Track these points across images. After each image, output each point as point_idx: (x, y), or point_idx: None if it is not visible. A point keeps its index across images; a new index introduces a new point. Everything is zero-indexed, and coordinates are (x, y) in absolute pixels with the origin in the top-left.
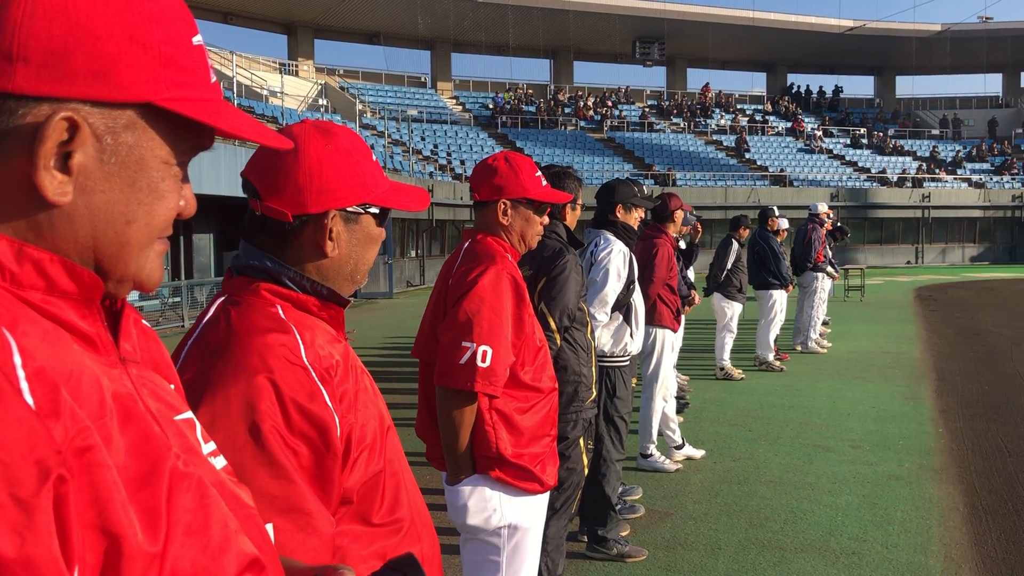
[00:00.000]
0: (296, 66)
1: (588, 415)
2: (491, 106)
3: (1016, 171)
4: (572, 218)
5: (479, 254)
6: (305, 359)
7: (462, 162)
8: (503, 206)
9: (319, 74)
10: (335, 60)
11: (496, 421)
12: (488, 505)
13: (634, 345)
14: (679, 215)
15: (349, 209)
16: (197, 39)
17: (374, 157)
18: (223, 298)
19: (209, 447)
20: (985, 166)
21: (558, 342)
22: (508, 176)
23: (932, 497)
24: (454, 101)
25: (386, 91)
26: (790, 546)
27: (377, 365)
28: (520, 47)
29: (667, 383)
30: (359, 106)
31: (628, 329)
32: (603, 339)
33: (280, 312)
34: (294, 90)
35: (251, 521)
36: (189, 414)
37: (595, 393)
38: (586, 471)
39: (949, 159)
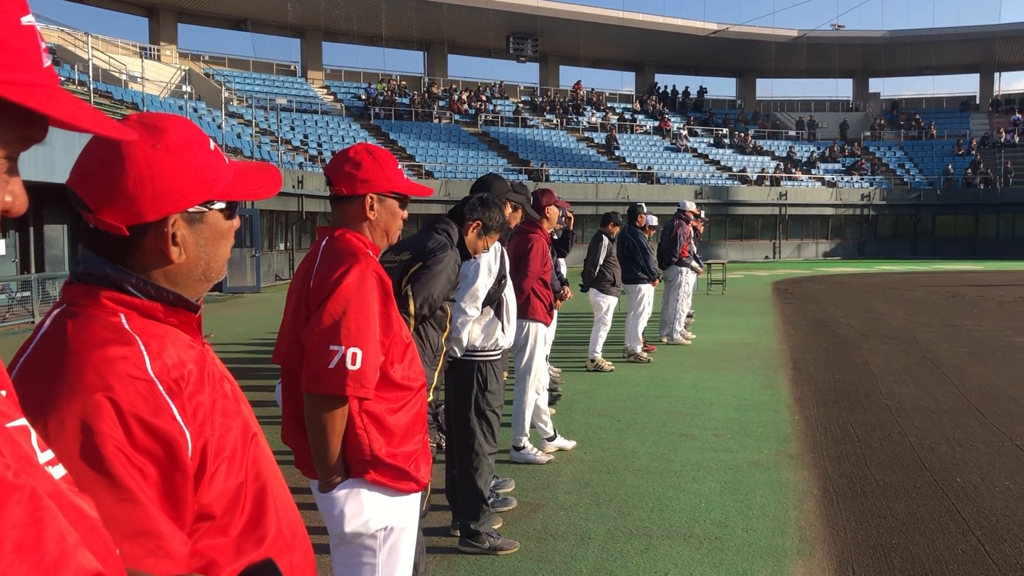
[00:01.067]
0: (158, 51)
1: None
2: (364, 97)
3: (865, 171)
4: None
5: (340, 253)
6: (151, 371)
7: (333, 153)
8: (370, 200)
9: (183, 60)
10: (200, 45)
11: (368, 423)
12: (365, 510)
13: (505, 340)
14: (553, 211)
15: (191, 210)
16: (27, 19)
17: (212, 144)
18: (60, 308)
19: (46, 456)
20: (837, 166)
21: (411, 328)
22: (374, 169)
23: (788, 482)
24: (325, 91)
25: (254, 79)
26: (657, 533)
27: (243, 363)
28: (393, 38)
29: (540, 376)
30: (225, 93)
31: (499, 324)
32: (474, 333)
33: (124, 321)
34: (156, 75)
35: (94, 534)
36: (23, 421)
37: (432, 397)
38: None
39: (804, 159)
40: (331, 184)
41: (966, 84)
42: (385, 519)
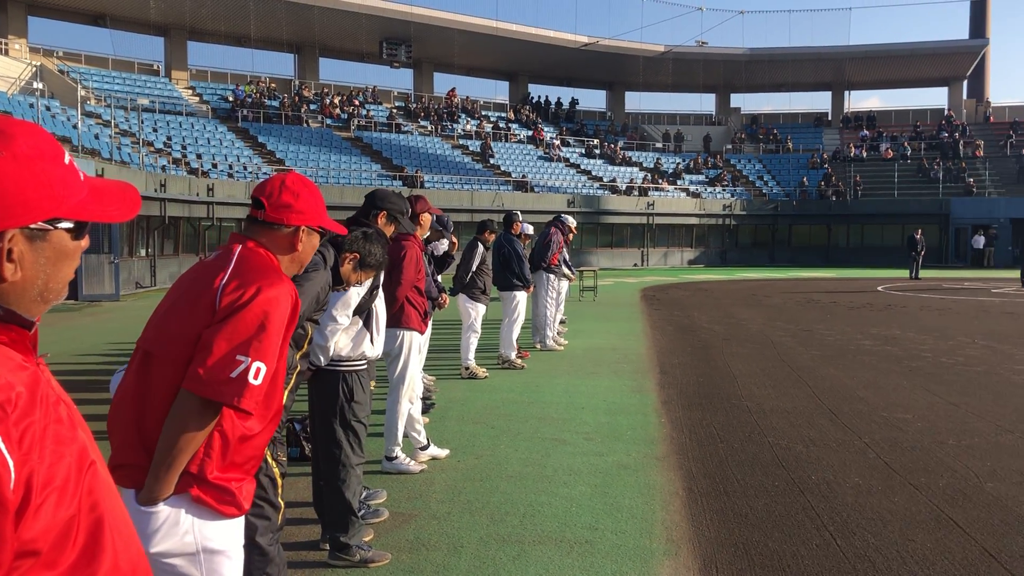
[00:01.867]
0: (6, 44)
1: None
2: (231, 99)
3: (727, 183)
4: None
5: (261, 267)
6: None
7: (199, 156)
8: (301, 233)
9: (34, 55)
10: (53, 41)
11: (215, 439)
12: (182, 528)
13: (372, 350)
14: (426, 218)
15: (33, 226)
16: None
17: (68, 158)
18: None
19: None
20: (701, 178)
21: None
22: (310, 202)
23: (656, 484)
24: (190, 92)
25: (113, 77)
26: (528, 539)
27: (97, 374)
28: (263, 39)
29: (413, 385)
30: (82, 92)
31: (367, 334)
32: (341, 343)
33: None
34: (3, 71)
35: None
36: None
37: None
38: (279, 481)
39: (671, 170)
40: (260, 207)
41: (819, 101)
42: (203, 539)
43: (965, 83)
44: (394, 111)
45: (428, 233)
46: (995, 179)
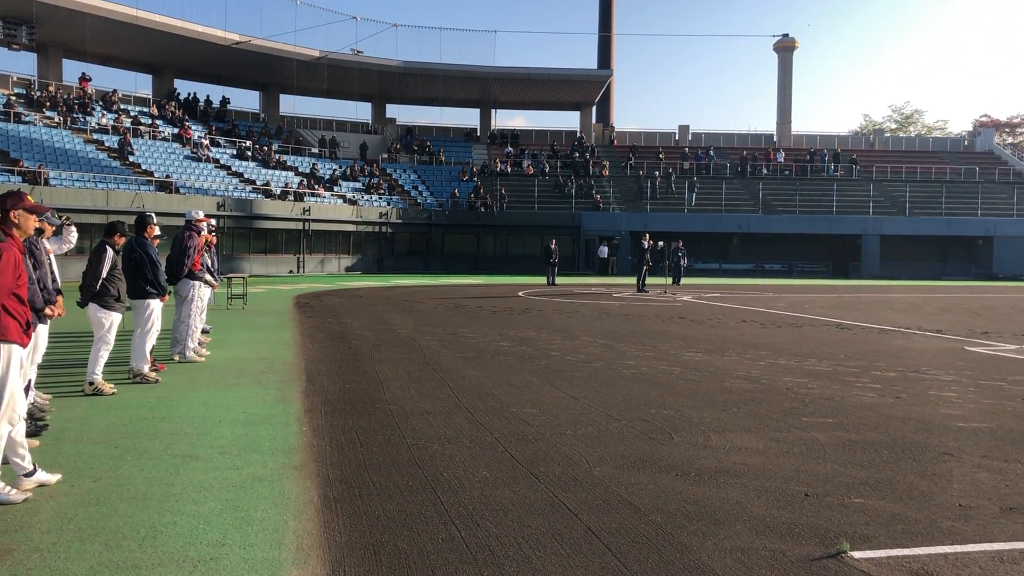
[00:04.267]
0: None
1: None
2: None
3: (383, 191)
4: None
5: None
6: None
7: None
8: None
9: None
10: None
11: None
12: None
13: None
14: (22, 216)
15: None
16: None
17: None
18: None
19: None
20: (358, 185)
21: None
22: None
23: (291, 493)
24: None
25: None
26: (147, 563)
27: None
28: None
29: (14, 405)
30: None
31: None
32: None
33: None
34: None
35: None
36: None
37: None
38: None
39: (327, 176)
40: None
41: (469, 117)
42: None
43: (594, 109)
44: (12, 98)
45: (28, 234)
46: (618, 196)
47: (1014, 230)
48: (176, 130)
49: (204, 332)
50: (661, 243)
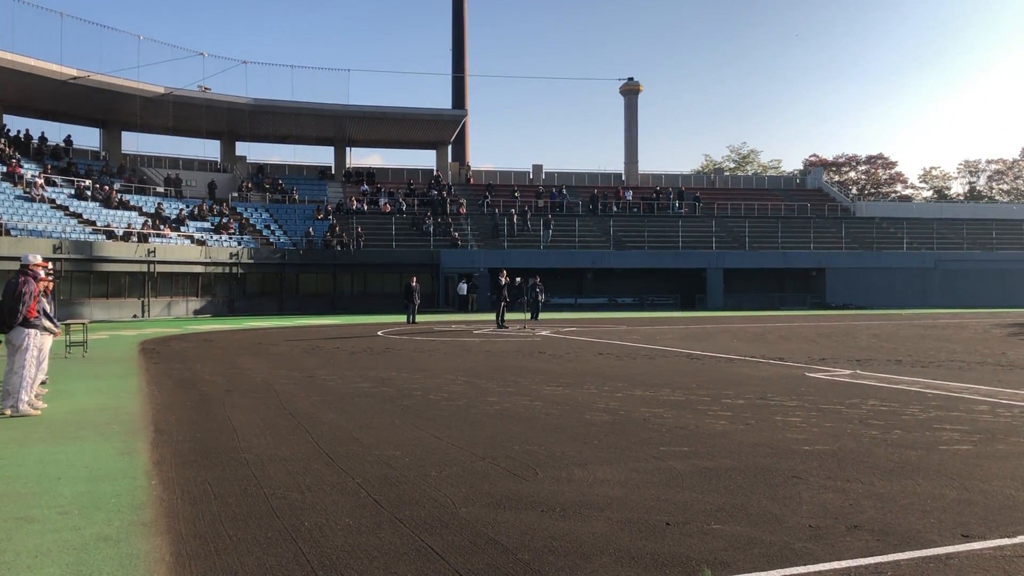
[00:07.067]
0: None
1: None
2: None
3: (233, 231)
4: None
5: None
6: None
7: None
8: None
9: None
10: None
11: None
12: None
13: None
14: None
15: None
16: None
17: None
18: None
19: None
20: (206, 225)
21: None
22: None
23: (139, 553)
24: None
25: None
26: None
27: None
28: None
29: None
30: None
31: None
32: None
33: None
34: None
35: None
36: None
37: None
38: None
39: (173, 216)
40: None
41: (323, 155)
42: None
43: (450, 148)
44: None
45: None
46: (475, 233)
47: (843, 262)
48: (5, 169)
49: (42, 383)
50: (519, 279)
